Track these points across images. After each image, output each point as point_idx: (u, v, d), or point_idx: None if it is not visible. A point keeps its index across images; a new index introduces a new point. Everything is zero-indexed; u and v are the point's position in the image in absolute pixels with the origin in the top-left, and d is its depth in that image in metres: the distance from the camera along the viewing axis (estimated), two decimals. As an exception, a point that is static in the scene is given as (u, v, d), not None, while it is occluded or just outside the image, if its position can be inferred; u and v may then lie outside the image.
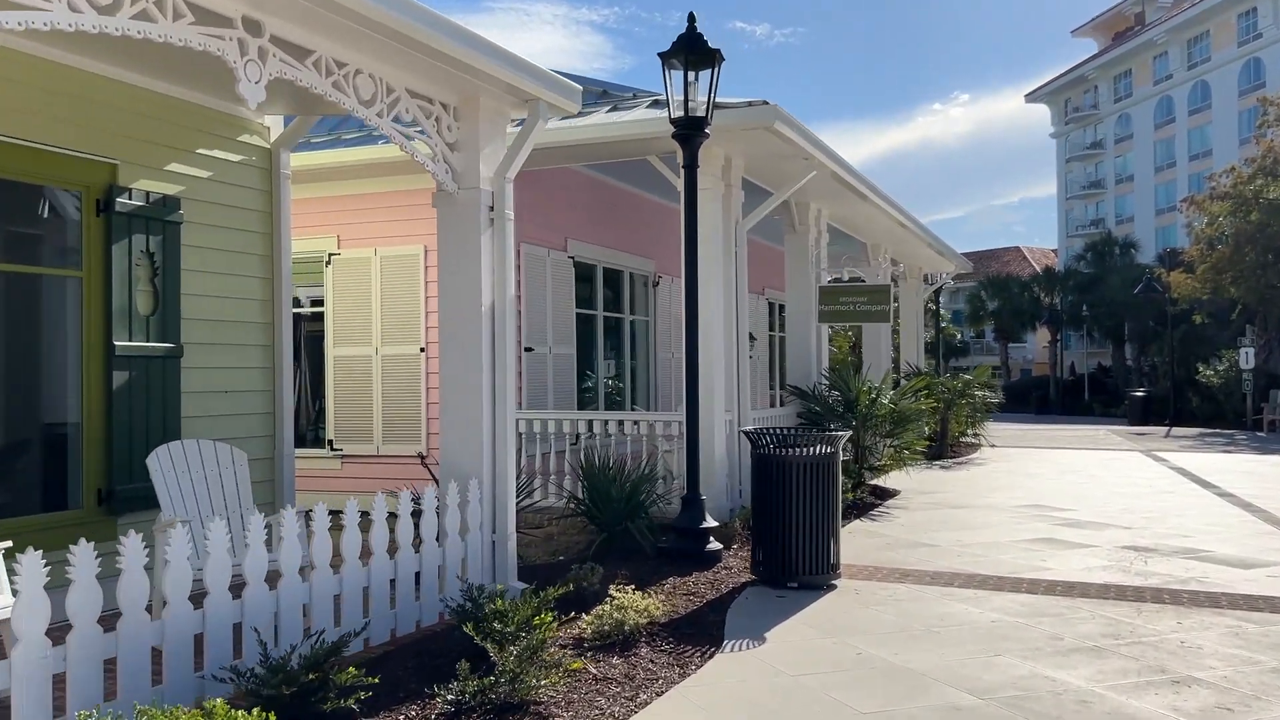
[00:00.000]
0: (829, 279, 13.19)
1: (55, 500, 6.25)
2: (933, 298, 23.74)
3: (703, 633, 5.77)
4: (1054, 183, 76.43)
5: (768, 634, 5.75)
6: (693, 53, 7.79)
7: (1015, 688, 4.79)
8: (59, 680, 3.74)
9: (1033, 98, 77.47)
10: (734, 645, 5.52)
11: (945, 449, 17.51)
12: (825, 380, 12.75)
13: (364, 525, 5.37)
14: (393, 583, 5.49)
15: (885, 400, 12.13)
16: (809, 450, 7.02)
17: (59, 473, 6.33)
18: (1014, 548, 8.58)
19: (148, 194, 6.51)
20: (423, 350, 10.54)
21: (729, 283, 10.31)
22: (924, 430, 18.17)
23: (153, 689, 4.09)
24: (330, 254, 11.08)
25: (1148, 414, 33.43)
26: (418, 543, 5.70)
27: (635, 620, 5.46)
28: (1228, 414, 30.77)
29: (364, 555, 5.30)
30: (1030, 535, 9.19)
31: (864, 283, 13.01)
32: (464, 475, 6.12)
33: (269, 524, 5.14)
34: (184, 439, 6.21)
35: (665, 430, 9.61)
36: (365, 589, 5.30)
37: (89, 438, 6.23)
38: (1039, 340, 63.43)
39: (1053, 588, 6.99)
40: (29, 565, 3.54)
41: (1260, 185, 30.01)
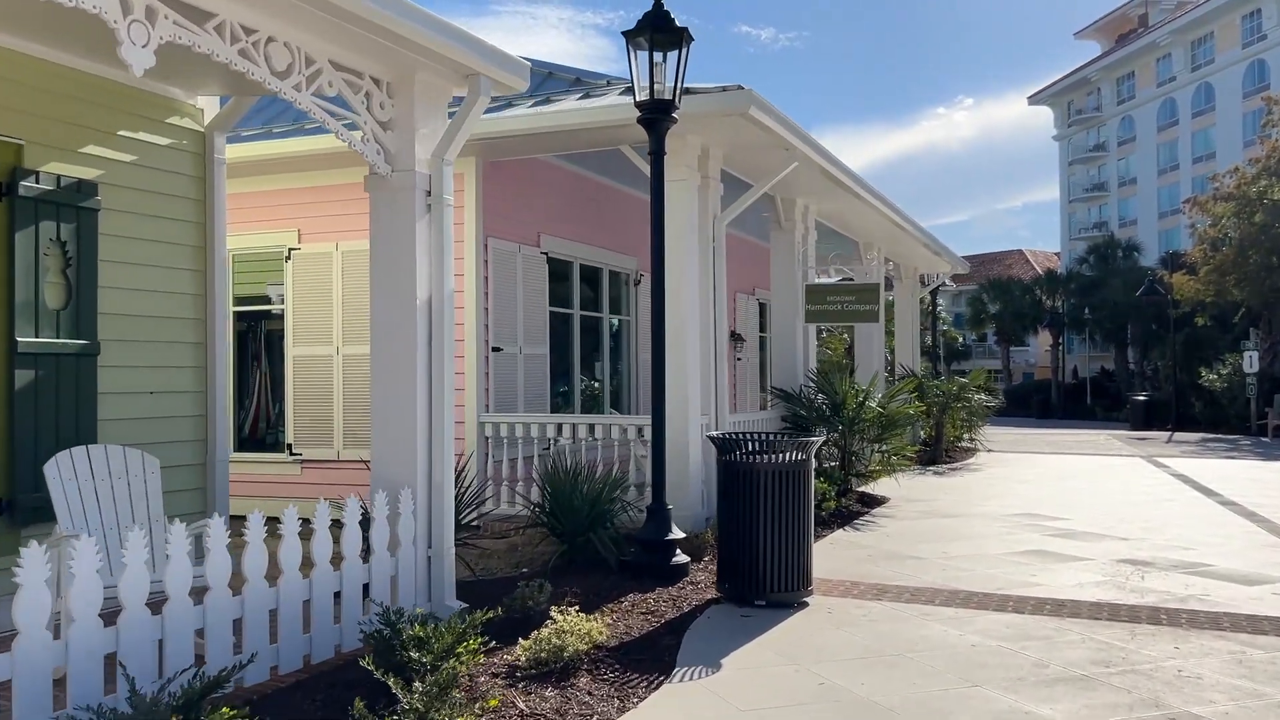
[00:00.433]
0: (816, 277, 12.69)
1: (-48, 510, 5.74)
2: (929, 299, 23.14)
3: (654, 658, 5.26)
4: (1057, 186, 75.83)
5: (725, 660, 5.23)
6: (659, 31, 7.27)
7: (992, 726, 4.28)
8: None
9: (1035, 100, 76.88)
10: (685, 674, 5.00)
11: (940, 454, 17.00)
12: (813, 382, 12.26)
13: (306, 534, 4.94)
14: (308, 604, 4.98)
15: (873, 404, 11.62)
16: (779, 457, 6.49)
17: (-44, 481, 5.82)
18: (1003, 561, 8.06)
19: (59, 178, 5.98)
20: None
21: (707, 279, 9.80)
22: (919, 434, 17.74)
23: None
24: (291, 249, 10.58)
25: (1150, 418, 32.88)
26: (339, 559, 5.19)
27: (576, 646, 4.94)
28: (1231, 419, 30.18)
29: (273, 574, 4.79)
30: (1021, 547, 8.66)
31: (853, 281, 12.51)
32: (396, 485, 5.60)
33: (196, 535, 4.67)
34: (103, 443, 5.68)
35: (641, 434, 9.08)
36: (273, 611, 4.78)
37: (-11, 442, 5.72)
38: (1041, 344, 62.81)
39: (1041, 606, 6.46)
40: None
41: (1265, 186, 29.44)
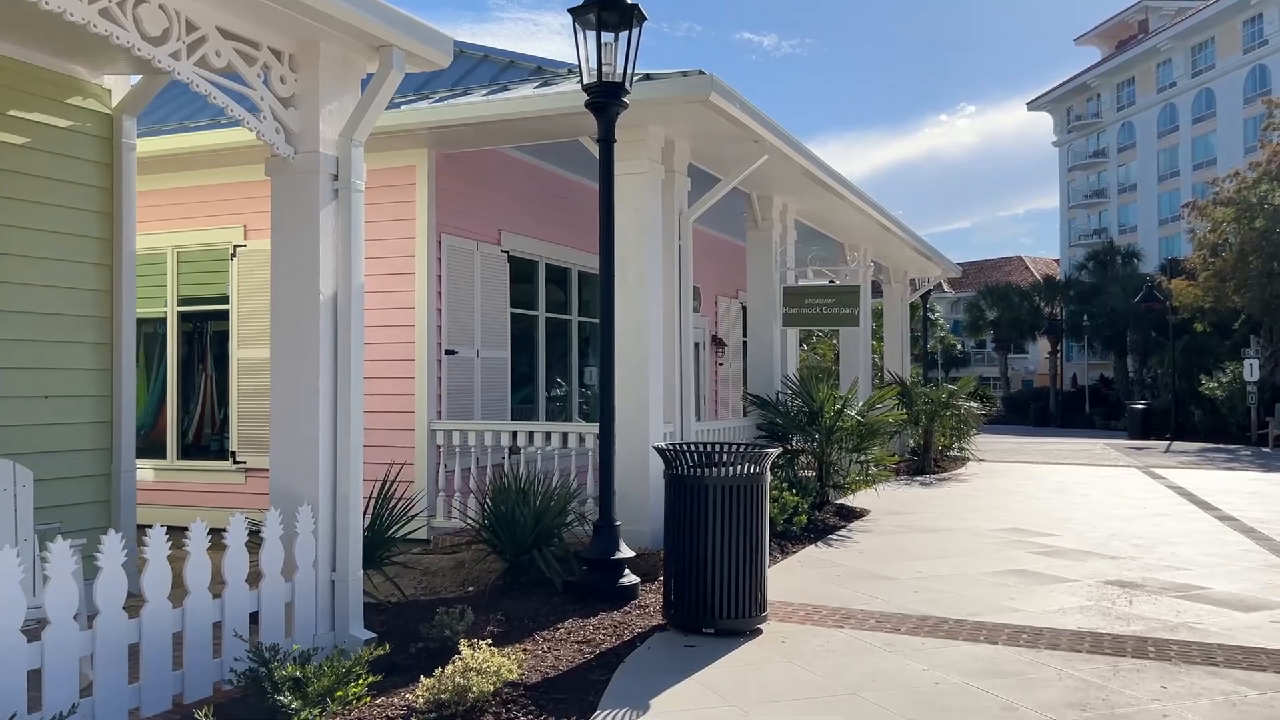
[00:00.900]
0: (796, 279, 12.13)
1: None
2: (920, 304, 22.57)
3: (575, 699, 4.68)
4: (1058, 193, 75.29)
5: (654, 701, 4.66)
6: (607, 8, 6.73)
7: (945, 787, 3.71)
8: None
9: (1035, 106, 76.33)
10: (603, 718, 4.43)
11: (928, 464, 16.41)
12: (790, 389, 11.70)
13: (219, 548, 4.49)
14: (180, 636, 4.41)
15: (852, 411, 11.06)
16: (729, 471, 5.92)
17: None
18: (981, 581, 7.49)
19: (-67, 160, 5.46)
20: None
21: (671, 278, 9.25)
22: (907, 444, 17.16)
23: None
24: (236, 246, 10.02)
25: (1148, 427, 32.29)
26: (221, 585, 4.63)
27: (481, 687, 4.36)
28: (1231, 428, 29.59)
29: (136, 606, 4.23)
30: (1003, 566, 8.09)
31: (833, 283, 11.97)
32: (296, 500, 5.04)
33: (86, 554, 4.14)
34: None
35: (601, 444, 8.49)
36: (134, 645, 4.21)
37: None
38: (1041, 351, 62.19)
39: (1017, 636, 5.89)
40: None
41: (1265, 190, 28.87)
